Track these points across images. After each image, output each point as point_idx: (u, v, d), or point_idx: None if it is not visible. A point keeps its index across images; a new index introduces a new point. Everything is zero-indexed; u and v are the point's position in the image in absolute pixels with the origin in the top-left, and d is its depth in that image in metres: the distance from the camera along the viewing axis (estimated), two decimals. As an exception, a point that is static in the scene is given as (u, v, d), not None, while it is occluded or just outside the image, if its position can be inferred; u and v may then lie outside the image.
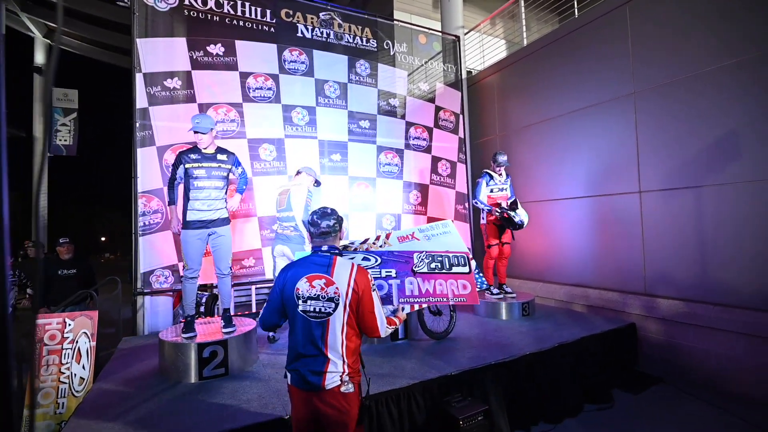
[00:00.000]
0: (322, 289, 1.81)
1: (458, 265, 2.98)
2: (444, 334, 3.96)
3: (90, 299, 4.73)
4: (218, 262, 3.44)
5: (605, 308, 4.68)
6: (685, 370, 3.95)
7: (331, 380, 1.76)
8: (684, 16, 4.06)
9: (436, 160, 6.25)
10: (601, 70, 4.81)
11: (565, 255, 5.28)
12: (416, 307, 2.78)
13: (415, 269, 2.90)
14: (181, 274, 3.54)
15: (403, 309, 2.34)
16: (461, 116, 6.58)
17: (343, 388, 1.77)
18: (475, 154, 6.76)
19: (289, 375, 1.84)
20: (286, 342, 4.01)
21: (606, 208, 4.78)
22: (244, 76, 4.89)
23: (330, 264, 1.88)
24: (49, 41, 12.11)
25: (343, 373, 1.79)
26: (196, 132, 3.31)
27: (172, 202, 3.35)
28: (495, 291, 4.88)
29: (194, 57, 4.63)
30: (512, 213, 4.55)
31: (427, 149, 6.17)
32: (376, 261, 2.86)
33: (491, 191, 4.82)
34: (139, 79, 4.39)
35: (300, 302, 1.82)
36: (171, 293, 4.61)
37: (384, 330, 1.89)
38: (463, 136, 6.57)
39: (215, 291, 4.64)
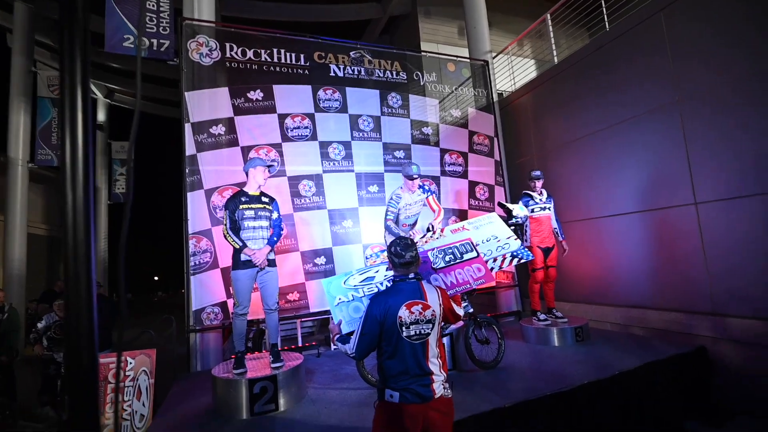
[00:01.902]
0: (420, 313, 2.03)
1: (467, 252, 3.34)
2: (493, 364, 3.85)
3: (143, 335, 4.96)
4: (266, 298, 3.54)
5: (668, 331, 4.37)
6: (771, 399, 3.58)
7: (438, 389, 2.00)
8: (725, 15, 3.93)
9: (473, 185, 6.23)
10: (639, 81, 4.69)
11: (618, 274, 5.02)
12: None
13: (435, 266, 3.26)
14: (231, 311, 3.66)
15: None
16: (495, 139, 6.58)
17: (445, 393, 2.01)
18: (513, 175, 6.69)
19: (396, 394, 1.98)
20: (330, 372, 4.05)
21: (659, 222, 4.55)
22: (282, 117, 5.16)
23: (420, 289, 2.10)
24: (109, 101, 13.39)
25: (444, 380, 2.04)
26: (269, 167, 3.62)
27: (244, 244, 3.44)
28: (543, 316, 4.71)
29: (236, 104, 4.97)
30: (508, 207, 4.55)
31: (464, 174, 6.18)
32: None
33: (532, 211, 4.75)
34: (187, 128, 4.74)
35: (404, 329, 2.01)
36: (221, 329, 4.77)
37: (462, 312, 2.29)
38: (499, 159, 6.54)
39: (262, 326, 4.76)
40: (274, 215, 3.68)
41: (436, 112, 6.17)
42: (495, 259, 3.48)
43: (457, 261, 3.30)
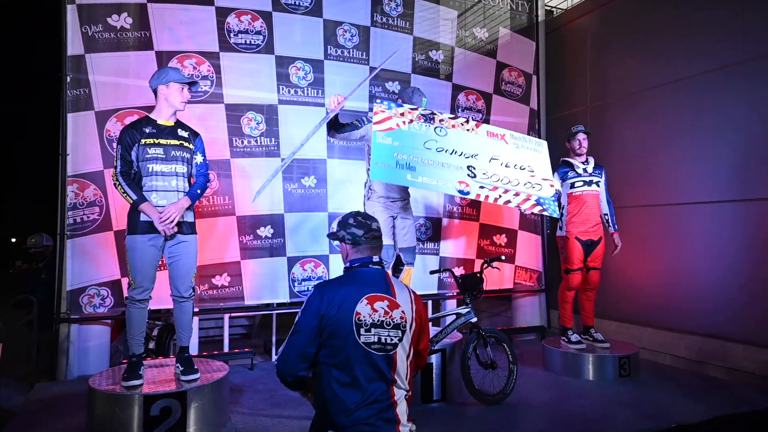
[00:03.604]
0: (386, 313, 2.03)
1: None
2: (500, 397, 3.92)
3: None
4: (176, 279, 3.50)
5: (760, 375, 4.51)
6: None
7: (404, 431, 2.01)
8: None
9: (495, 142, 6.22)
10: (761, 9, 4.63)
11: (691, 288, 5.14)
12: None
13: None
14: (125, 294, 3.61)
15: None
16: (535, 78, 6.55)
17: None
18: (554, 133, 6.68)
19: None
20: (266, 392, 4.06)
21: (760, 218, 4.62)
22: (223, 13, 4.99)
23: (386, 281, 2.14)
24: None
25: (410, 423, 2.05)
26: (189, 84, 3.52)
27: (141, 198, 3.33)
28: (575, 337, 4.81)
29: (152, -17, 4.76)
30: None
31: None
32: None
33: (572, 187, 4.79)
34: (71, 13, 4.53)
35: (362, 332, 1.98)
36: (109, 321, 4.70)
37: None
38: (536, 108, 6.52)
39: (171, 320, 4.72)
40: (197, 158, 3.61)
41: (452, 29, 6.07)
42: (517, 194, 3.78)
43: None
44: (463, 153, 3.81)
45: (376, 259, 2.19)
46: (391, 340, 2.01)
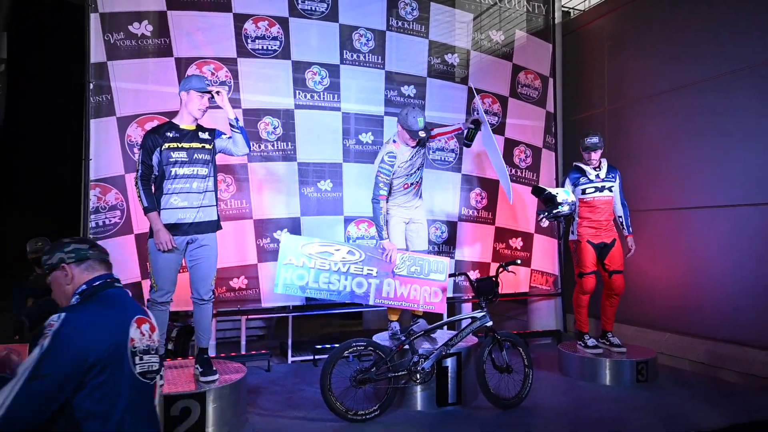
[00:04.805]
0: (149, 337, 1.89)
1: (436, 272, 4.26)
2: (515, 401, 3.95)
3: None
4: (197, 282, 3.57)
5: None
6: None
7: None
8: None
9: (511, 145, 6.22)
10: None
11: (711, 293, 5.10)
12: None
13: (396, 270, 4.14)
14: (147, 297, 3.70)
15: None
16: (551, 80, 6.54)
17: None
18: (571, 137, 6.68)
19: None
20: (284, 394, 4.13)
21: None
22: (241, 19, 5.07)
23: (134, 301, 1.99)
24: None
25: None
26: (208, 94, 3.58)
27: (152, 207, 3.42)
28: (592, 341, 4.81)
29: (171, -9, 4.87)
30: (550, 192, 4.51)
31: (499, 128, 6.15)
32: (360, 256, 4.12)
33: (583, 192, 4.79)
34: (94, 21, 4.63)
35: (137, 361, 1.80)
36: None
37: None
38: (553, 111, 6.52)
39: (190, 322, 4.82)
40: (224, 136, 3.73)
41: (467, 32, 6.09)
42: None
43: (420, 276, 4.20)
44: None
45: (116, 276, 2.00)
46: (155, 366, 1.87)
